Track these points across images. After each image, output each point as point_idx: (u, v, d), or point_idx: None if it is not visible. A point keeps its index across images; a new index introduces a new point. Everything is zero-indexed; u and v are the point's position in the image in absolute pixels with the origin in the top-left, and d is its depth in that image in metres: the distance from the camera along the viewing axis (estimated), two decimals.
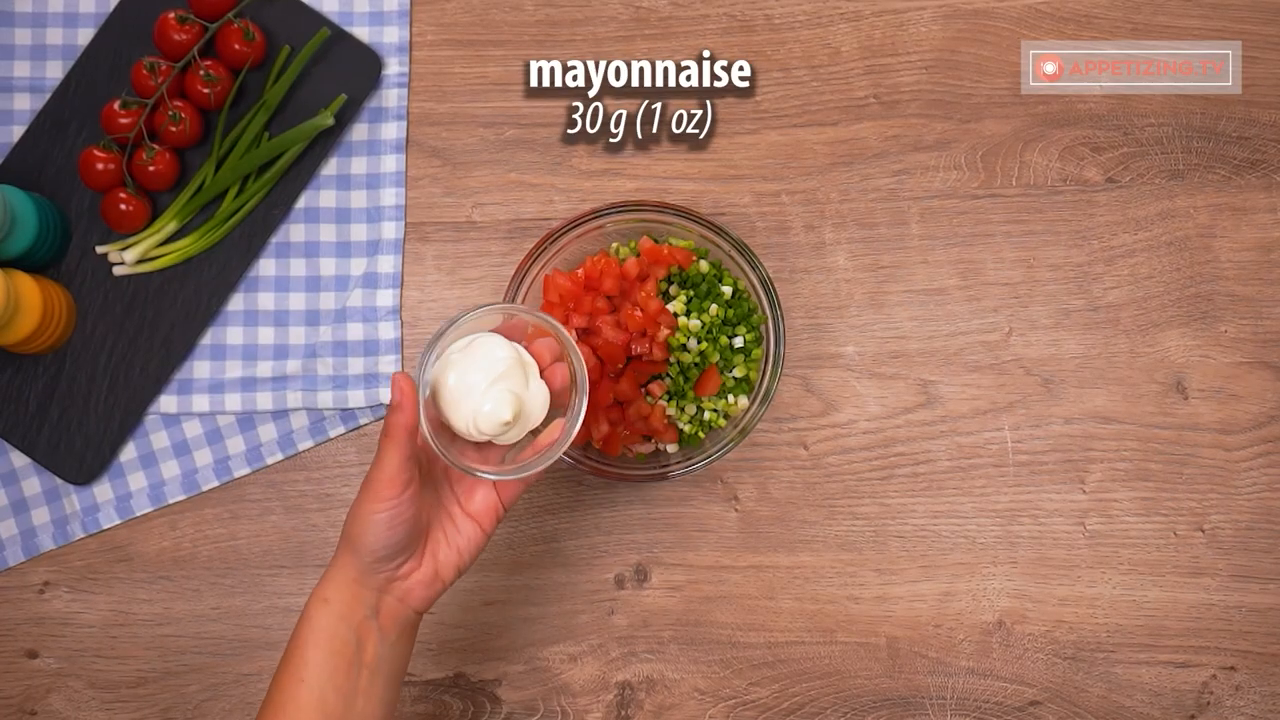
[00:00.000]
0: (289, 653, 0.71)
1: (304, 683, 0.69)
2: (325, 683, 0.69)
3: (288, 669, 0.70)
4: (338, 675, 0.69)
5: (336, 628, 0.70)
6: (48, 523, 0.92)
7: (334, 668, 0.69)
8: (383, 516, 0.69)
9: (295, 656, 0.70)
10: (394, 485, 0.69)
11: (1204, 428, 0.94)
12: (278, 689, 0.70)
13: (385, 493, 0.69)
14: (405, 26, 0.95)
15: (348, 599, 0.71)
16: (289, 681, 0.70)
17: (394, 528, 0.69)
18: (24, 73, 0.94)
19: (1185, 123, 0.96)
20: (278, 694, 0.70)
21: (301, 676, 0.69)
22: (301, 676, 0.69)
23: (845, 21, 0.96)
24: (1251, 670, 0.93)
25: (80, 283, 0.93)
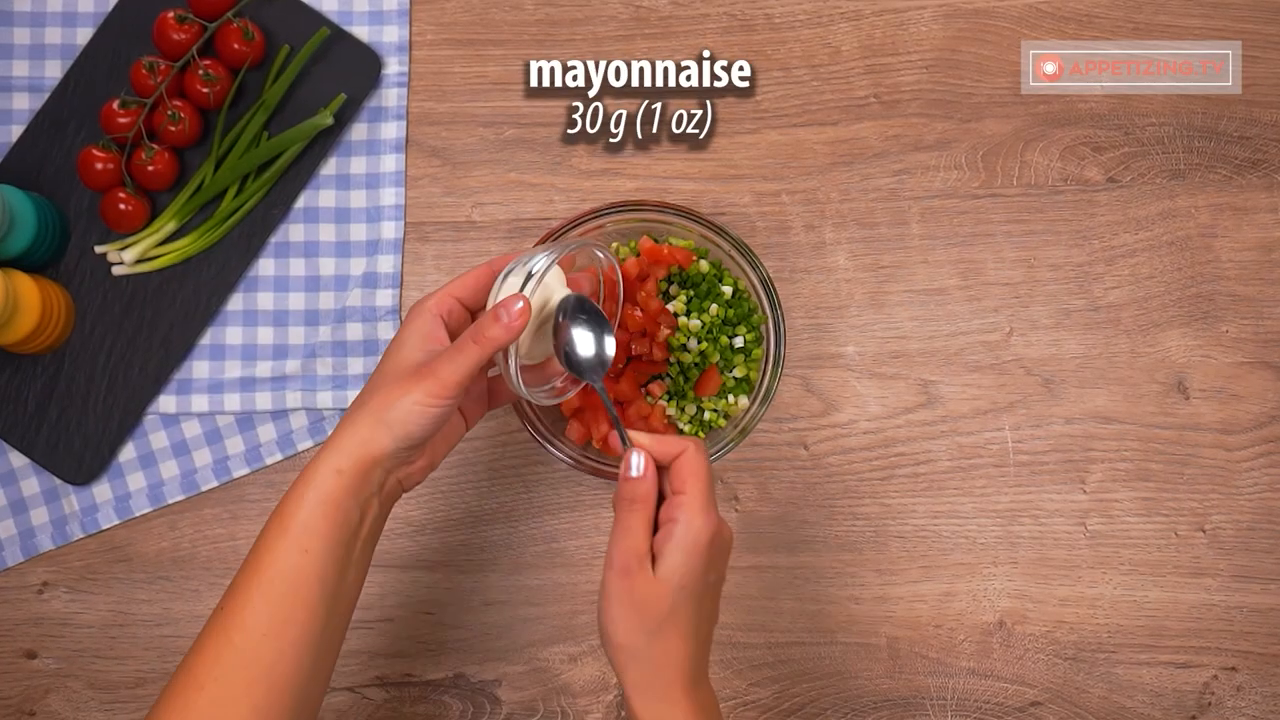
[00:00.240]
0: (287, 518, 0.67)
1: (308, 553, 0.67)
2: (328, 555, 0.67)
3: (286, 536, 0.67)
4: (339, 548, 0.68)
5: (344, 499, 0.67)
6: (46, 523, 0.92)
7: (337, 540, 0.67)
8: (436, 415, 0.68)
9: (298, 525, 0.67)
10: (458, 389, 0.68)
11: (1205, 428, 0.94)
12: (274, 556, 0.67)
13: (449, 392, 0.67)
14: (405, 26, 0.95)
15: (361, 474, 0.68)
16: (288, 549, 0.66)
17: (437, 425, 0.69)
18: (23, 72, 0.94)
19: (1186, 122, 0.96)
20: (273, 560, 0.66)
21: (306, 547, 0.67)
22: (306, 547, 0.67)
23: (845, 21, 0.96)
24: (1253, 671, 0.93)
25: (79, 282, 0.93)
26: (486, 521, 0.93)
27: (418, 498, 0.93)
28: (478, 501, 0.94)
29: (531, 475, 0.94)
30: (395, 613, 0.93)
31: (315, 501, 0.67)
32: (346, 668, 0.92)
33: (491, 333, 0.68)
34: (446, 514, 0.94)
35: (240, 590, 0.66)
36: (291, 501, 0.67)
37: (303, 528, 0.67)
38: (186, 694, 0.64)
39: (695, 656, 0.69)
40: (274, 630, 0.65)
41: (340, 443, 0.68)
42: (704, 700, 0.70)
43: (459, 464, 0.93)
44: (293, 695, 0.66)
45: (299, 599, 0.66)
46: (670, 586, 0.68)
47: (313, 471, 0.68)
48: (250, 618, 0.65)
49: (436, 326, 0.71)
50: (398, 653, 0.92)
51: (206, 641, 0.66)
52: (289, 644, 0.65)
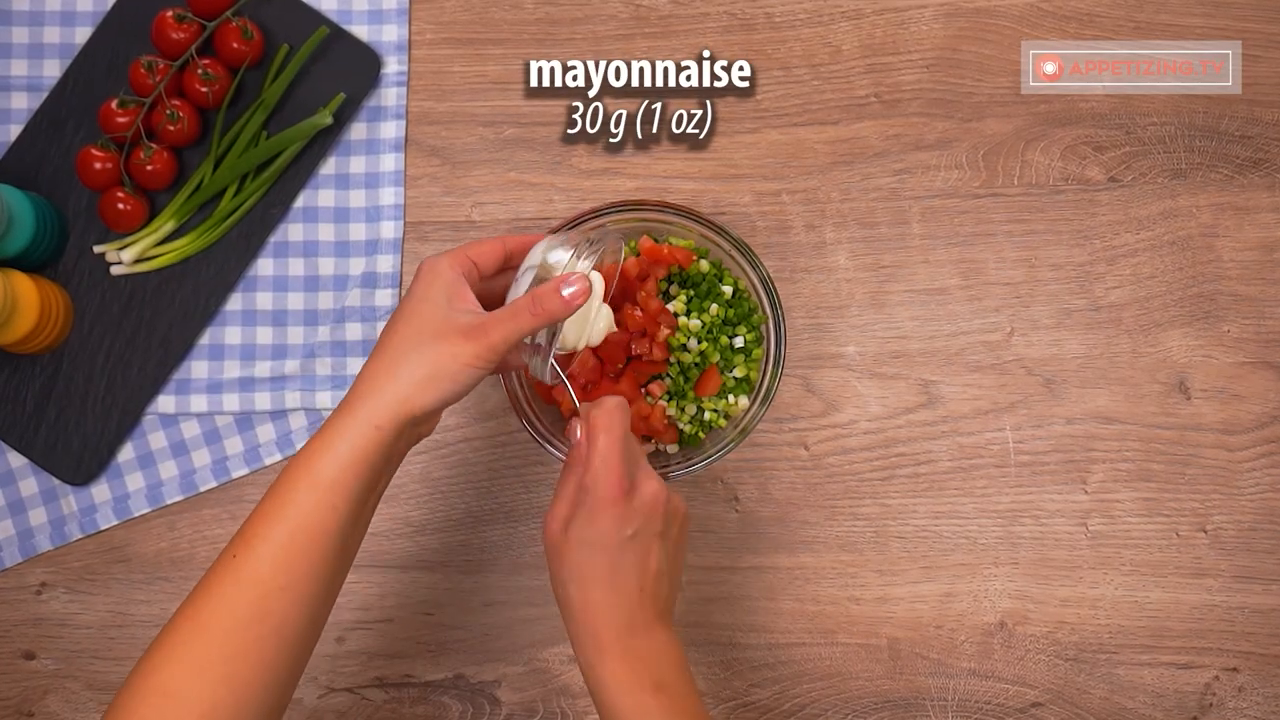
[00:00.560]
0: (319, 474, 0.65)
1: (335, 510, 0.66)
2: (352, 512, 0.66)
3: (317, 492, 0.65)
4: (362, 504, 0.67)
5: (377, 458, 0.67)
6: (45, 523, 0.92)
7: (363, 496, 0.67)
8: (481, 373, 0.68)
9: (328, 481, 0.65)
10: (506, 352, 0.68)
11: (1207, 428, 0.94)
12: (303, 510, 0.65)
13: (497, 355, 0.68)
14: (404, 25, 0.95)
15: (398, 431, 0.67)
16: (320, 507, 0.65)
17: (477, 383, 0.69)
18: (21, 71, 0.94)
19: (1188, 122, 0.95)
20: (304, 515, 0.65)
21: (335, 504, 0.65)
22: (335, 504, 0.65)
23: (846, 20, 0.96)
24: (1254, 671, 0.93)
25: (78, 282, 0.92)
26: (486, 522, 0.93)
27: (417, 498, 0.93)
28: (477, 502, 0.93)
29: (531, 475, 0.93)
30: (395, 613, 0.92)
31: (350, 458, 0.66)
32: (346, 668, 0.92)
33: (551, 305, 0.69)
34: (446, 514, 0.93)
35: (259, 540, 0.65)
36: (323, 455, 0.66)
37: (334, 484, 0.65)
38: (193, 643, 0.63)
39: (621, 606, 0.70)
40: (291, 584, 0.64)
41: (378, 397, 0.67)
42: (640, 649, 0.70)
43: (459, 464, 0.93)
44: (300, 648, 0.66)
45: (319, 554, 0.65)
46: (572, 541, 0.71)
47: (347, 426, 0.66)
48: (267, 570, 0.64)
49: (463, 286, 0.71)
50: (397, 653, 0.92)
51: (218, 588, 0.64)
52: (301, 598, 0.65)
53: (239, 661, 0.63)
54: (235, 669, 0.63)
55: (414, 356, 0.68)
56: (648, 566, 0.71)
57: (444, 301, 0.69)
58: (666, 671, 0.71)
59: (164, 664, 0.63)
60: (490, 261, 0.74)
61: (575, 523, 0.71)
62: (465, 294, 0.70)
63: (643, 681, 0.70)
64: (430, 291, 0.70)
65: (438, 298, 0.70)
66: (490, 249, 0.74)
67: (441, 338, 0.68)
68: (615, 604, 0.70)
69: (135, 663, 0.64)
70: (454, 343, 0.67)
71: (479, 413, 0.93)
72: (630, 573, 0.71)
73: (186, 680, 0.62)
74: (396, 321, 0.70)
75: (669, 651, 0.72)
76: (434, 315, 0.69)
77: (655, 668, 0.70)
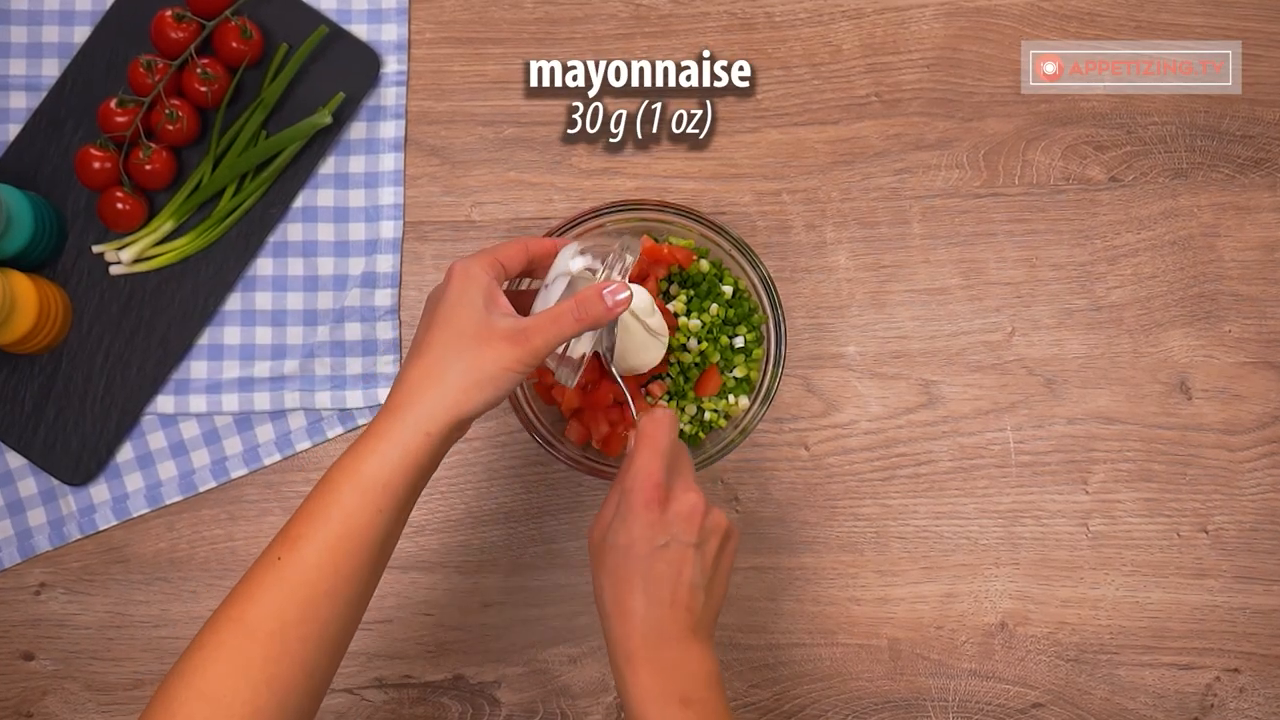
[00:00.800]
0: (367, 478, 0.66)
1: (383, 513, 0.66)
2: (398, 515, 0.67)
3: (365, 496, 0.66)
4: (408, 507, 0.68)
5: (427, 463, 0.68)
6: (44, 524, 0.92)
7: (409, 500, 0.68)
8: (522, 377, 0.68)
9: (379, 485, 0.66)
10: (547, 356, 0.69)
11: (1208, 428, 0.93)
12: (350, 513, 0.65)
13: (539, 359, 0.68)
14: (404, 24, 0.95)
15: (446, 437, 0.68)
16: (367, 509, 0.66)
17: (517, 386, 0.70)
18: (20, 71, 0.93)
19: (1189, 121, 0.95)
20: (352, 519, 0.65)
21: (382, 507, 0.66)
22: (382, 507, 0.66)
23: (846, 19, 0.96)
24: (1255, 672, 0.93)
25: (76, 282, 0.92)
26: (486, 522, 0.93)
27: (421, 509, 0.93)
28: (477, 502, 0.93)
29: (531, 476, 0.93)
30: (394, 614, 0.92)
31: (400, 463, 0.66)
32: (345, 669, 0.92)
33: (596, 310, 0.69)
34: (446, 515, 0.93)
35: (305, 542, 0.65)
36: (372, 459, 0.66)
37: (384, 488, 0.66)
38: (236, 645, 0.62)
39: (652, 614, 0.69)
40: (336, 588, 0.65)
41: (427, 402, 0.67)
42: (670, 660, 0.69)
43: (458, 464, 0.93)
44: (338, 650, 0.66)
45: (365, 558, 0.66)
46: (608, 545, 0.71)
47: (395, 430, 0.67)
48: (314, 573, 0.64)
49: (497, 290, 0.71)
50: (396, 654, 0.92)
51: (262, 590, 0.64)
52: (344, 601, 0.65)
53: (283, 664, 0.63)
54: (278, 671, 0.62)
55: (458, 361, 0.68)
56: (681, 577, 0.70)
57: (481, 305, 0.69)
58: (696, 686, 0.69)
59: (205, 665, 0.62)
60: (516, 265, 0.74)
61: (614, 525, 0.71)
62: (500, 298, 0.70)
63: (670, 693, 0.68)
64: (466, 295, 0.69)
65: (475, 301, 0.69)
66: (516, 252, 0.74)
67: (484, 342, 0.68)
68: (647, 611, 0.69)
69: (172, 664, 0.63)
70: (497, 347, 0.68)
71: None
72: (662, 582, 0.70)
73: (230, 683, 0.62)
74: (435, 324, 0.69)
75: (701, 666, 0.70)
76: (474, 319, 0.69)
77: (684, 680, 0.69)
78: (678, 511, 0.70)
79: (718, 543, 0.72)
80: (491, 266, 0.71)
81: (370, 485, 0.66)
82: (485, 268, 0.70)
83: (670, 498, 0.71)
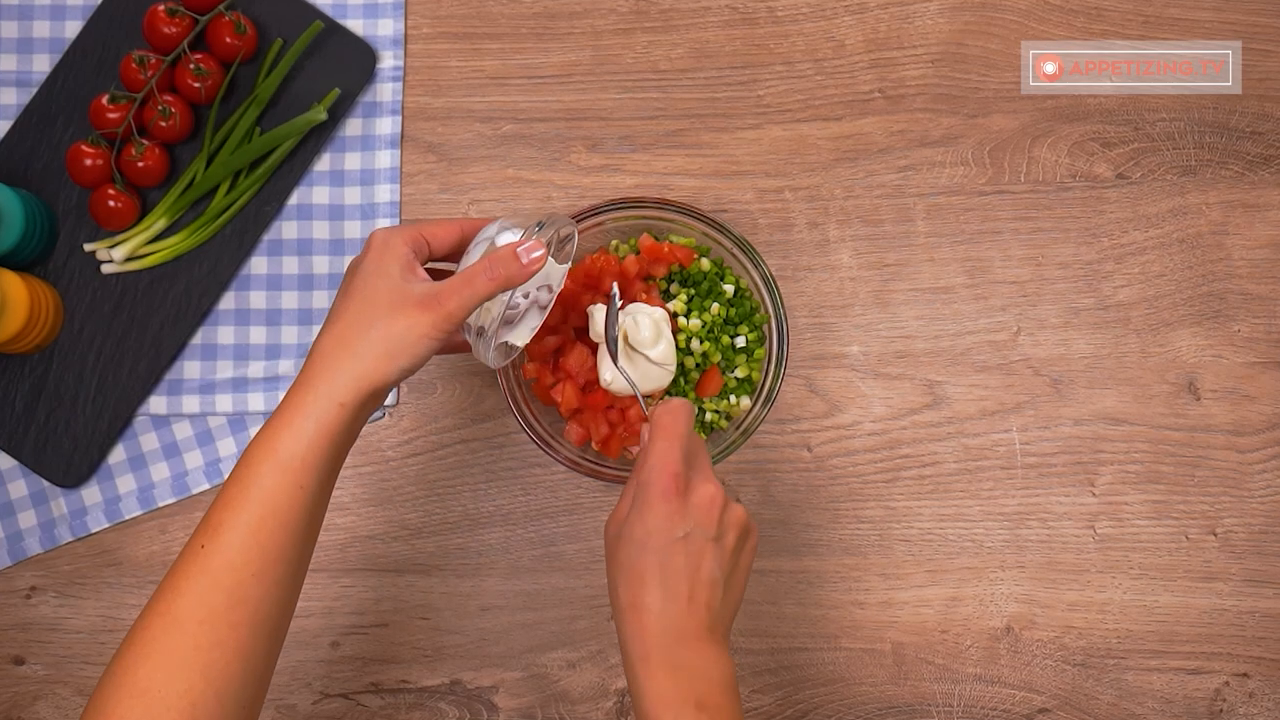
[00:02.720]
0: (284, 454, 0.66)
1: (303, 489, 0.66)
2: (320, 490, 0.67)
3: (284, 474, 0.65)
4: (329, 481, 0.68)
5: (343, 434, 0.67)
6: (34, 526, 0.91)
7: (330, 473, 0.67)
8: (438, 343, 0.68)
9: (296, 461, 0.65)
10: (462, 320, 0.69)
11: (1216, 429, 0.92)
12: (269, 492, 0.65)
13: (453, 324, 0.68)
14: (400, 19, 0.94)
15: (362, 406, 0.67)
16: (288, 487, 0.65)
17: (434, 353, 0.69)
18: (10, 66, 0.92)
19: (1197, 118, 0.94)
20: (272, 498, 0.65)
21: (303, 483, 0.66)
22: (303, 483, 0.66)
23: (849, 14, 0.94)
24: (1265, 677, 0.91)
25: (68, 281, 0.91)
26: (483, 525, 0.92)
27: (413, 501, 0.92)
28: (474, 504, 0.92)
29: (529, 477, 0.92)
30: (390, 618, 0.91)
31: (316, 435, 0.66)
32: (341, 674, 0.91)
33: (509, 268, 0.69)
34: (443, 517, 0.92)
35: (228, 527, 0.64)
36: (286, 434, 0.66)
37: (302, 463, 0.65)
38: (167, 638, 0.62)
39: (669, 611, 0.67)
40: (264, 569, 0.64)
41: (339, 374, 0.67)
42: (686, 661, 0.67)
43: (455, 466, 0.92)
44: (275, 633, 0.65)
45: (289, 535, 0.65)
46: (624, 538, 0.68)
47: (308, 404, 0.66)
48: (239, 556, 0.64)
49: (414, 261, 0.71)
50: (393, 659, 0.91)
51: (187, 580, 0.64)
52: (274, 581, 0.65)
53: (216, 651, 0.62)
54: (212, 659, 0.62)
55: (371, 331, 0.68)
56: (700, 572, 0.68)
57: (396, 273, 0.69)
58: (711, 690, 0.66)
59: (138, 662, 0.62)
60: (444, 242, 0.73)
61: (630, 517, 0.68)
62: (417, 268, 0.70)
63: (685, 697, 0.66)
64: (382, 264, 0.69)
65: (390, 269, 0.69)
66: (445, 229, 0.73)
67: (397, 310, 0.68)
68: (663, 608, 0.67)
69: (107, 663, 0.63)
70: (410, 314, 0.68)
71: (475, 414, 0.92)
72: (680, 576, 0.67)
73: (163, 676, 0.61)
74: (349, 294, 0.69)
75: (717, 669, 0.67)
76: (387, 287, 0.69)
77: (699, 684, 0.66)
78: (696, 502, 0.68)
79: (736, 537, 0.70)
80: (412, 240, 0.71)
81: (287, 462, 0.65)
82: (405, 240, 0.71)
83: (689, 488, 0.69)
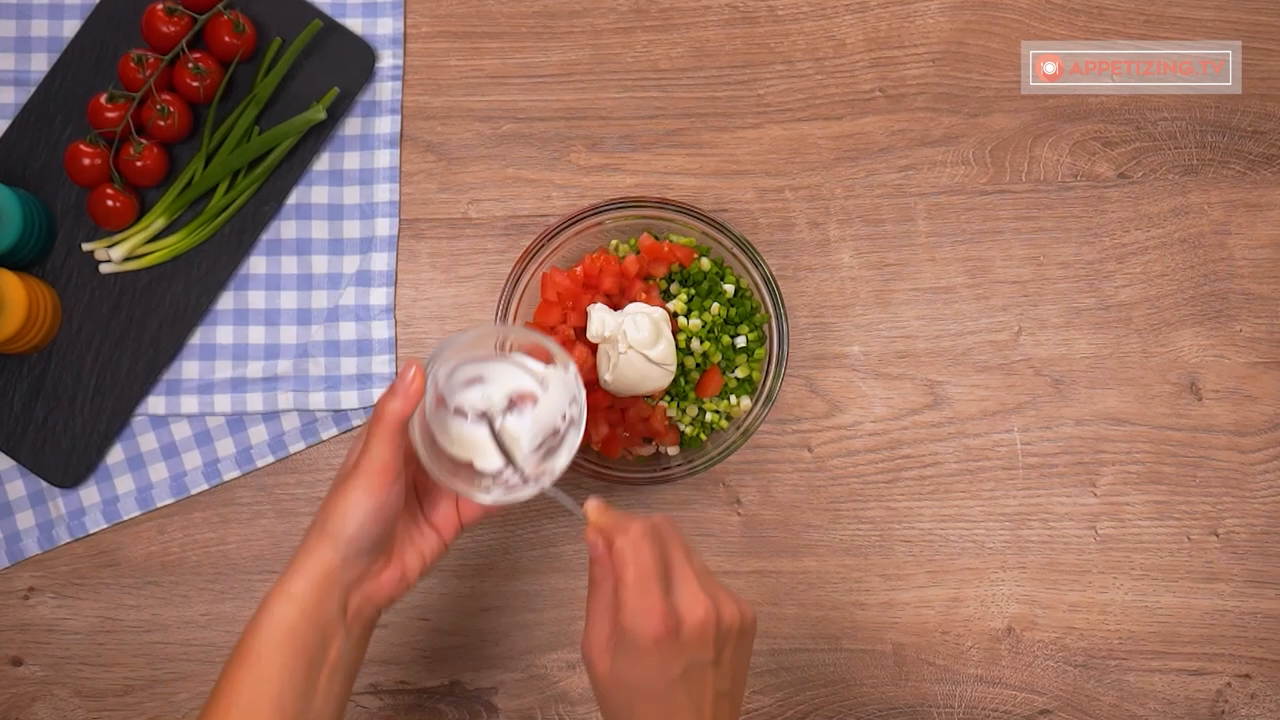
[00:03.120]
0: (245, 649, 0.66)
1: (263, 683, 0.65)
2: (285, 682, 0.65)
3: (244, 666, 0.65)
4: (298, 675, 0.66)
5: (301, 625, 0.66)
6: (32, 527, 0.90)
7: (294, 667, 0.65)
8: (370, 508, 0.66)
9: (252, 654, 0.66)
10: (385, 476, 0.66)
11: (1218, 429, 0.92)
12: (232, 687, 0.65)
13: (376, 483, 0.66)
14: (399, 18, 0.93)
15: (317, 595, 0.66)
16: (245, 680, 0.65)
17: (380, 522, 0.67)
18: (8, 65, 0.92)
19: (1199, 117, 0.94)
20: (231, 692, 0.65)
21: (260, 677, 0.65)
22: (260, 677, 0.65)
23: (850, 13, 0.94)
24: (1267, 678, 0.91)
25: (66, 281, 0.91)
26: (483, 525, 0.92)
27: None
28: None
29: None
30: (389, 619, 0.91)
31: (269, 629, 0.66)
32: None
33: (387, 408, 0.66)
34: None
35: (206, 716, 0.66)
36: (249, 630, 0.67)
37: (257, 657, 0.65)
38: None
39: None
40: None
41: (295, 565, 0.67)
42: None
43: None
44: None
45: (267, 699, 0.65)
46: (619, 681, 0.66)
47: (270, 598, 0.67)
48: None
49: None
50: (392, 660, 0.91)
51: None
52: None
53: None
54: None
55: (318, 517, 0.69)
56: (704, 699, 0.66)
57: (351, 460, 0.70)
58: None
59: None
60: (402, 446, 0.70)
61: (619, 661, 0.66)
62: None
63: None
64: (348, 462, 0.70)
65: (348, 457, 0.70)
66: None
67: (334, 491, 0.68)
68: None
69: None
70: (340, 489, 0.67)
71: None
72: (685, 711, 0.66)
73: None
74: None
75: None
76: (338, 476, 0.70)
77: None
78: (689, 632, 0.66)
79: (734, 645, 0.68)
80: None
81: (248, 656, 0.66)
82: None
83: (678, 619, 0.65)
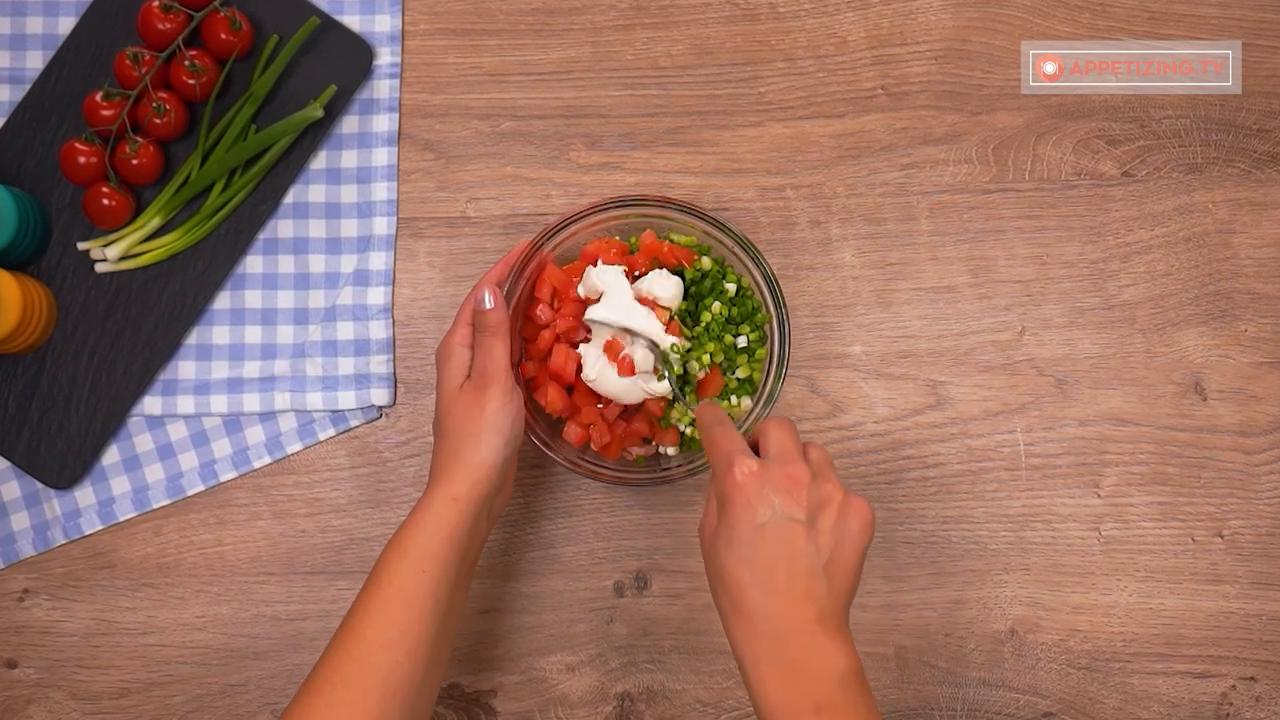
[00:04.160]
0: (408, 544, 0.73)
1: (425, 573, 0.72)
2: (443, 575, 0.73)
3: (406, 559, 0.72)
4: (452, 568, 0.73)
5: (462, 524, 0.74)
6: (27, 528, 0.90)
7: (451, 561, 0.73)
8: (517, 404, 0.77)
9: (417, 549, 0.73)
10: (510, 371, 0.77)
11: (1223, 430, 0.91)
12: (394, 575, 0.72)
13: (507, 380, 0.77)
14: (397, 15, 0.93)
15: (475, 497, 0.75)
16: (410, 571, 0.72)
17: (522, 416, 0.78)
18: (3, 63, 0.92)
19: (1203, 115, 0.93)
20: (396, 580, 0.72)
21: (424, 568, 0.72)
22: (424, 568, 0.72)
23: (852, 10, 0.94)
24: (1272, 681, 0.91)
25: (61, 280, 0.90)
26: None
27: (410, 502, 0.91)
28: None
29: (528, 480, 0.91)
30: None
31: (435, 527, 0.73)
32: None
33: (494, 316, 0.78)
34: None
35: (359, 608, 0.72)
36: (410, 528, 0.74)
37: (421, 551, 0.73)
38: (309, 699, 0.69)
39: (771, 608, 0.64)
40: (390, 641, 0.70)
41: (448, 474, 0.75)
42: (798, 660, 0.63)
43: None
44: (406, 700, 0.70)
45: (414, 613, 0.71)
46: (714, 542, 0.68)
47: (428, 503, 0.74)
48: (367, 630, 0.71)
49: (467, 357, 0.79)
50: None
51: (328, 655, 0.71)
52: (404, 654, 0.70)
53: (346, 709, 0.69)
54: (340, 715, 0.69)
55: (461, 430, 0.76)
56: (795, 560, 0.64)
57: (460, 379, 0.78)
58: (830, 688, 0.62)
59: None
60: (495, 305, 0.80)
61: (713, 518, 0.68)
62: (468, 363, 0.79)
63: (800, 702, 0.62)
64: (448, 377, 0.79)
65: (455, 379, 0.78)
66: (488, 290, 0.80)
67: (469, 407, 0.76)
68: (763, 605, 0.64)
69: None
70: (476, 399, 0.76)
71: None
72: (772, 567, 0.64)
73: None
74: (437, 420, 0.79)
75: (834, 662, 0.63)
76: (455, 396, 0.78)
77: (816, 684, 0.62)
78: (774, 484, 0.65)
79: (833, 516, 0.66)
80: (463, 338, 0.79)
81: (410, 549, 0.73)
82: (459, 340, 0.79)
83: (764, 471, 0.66)
